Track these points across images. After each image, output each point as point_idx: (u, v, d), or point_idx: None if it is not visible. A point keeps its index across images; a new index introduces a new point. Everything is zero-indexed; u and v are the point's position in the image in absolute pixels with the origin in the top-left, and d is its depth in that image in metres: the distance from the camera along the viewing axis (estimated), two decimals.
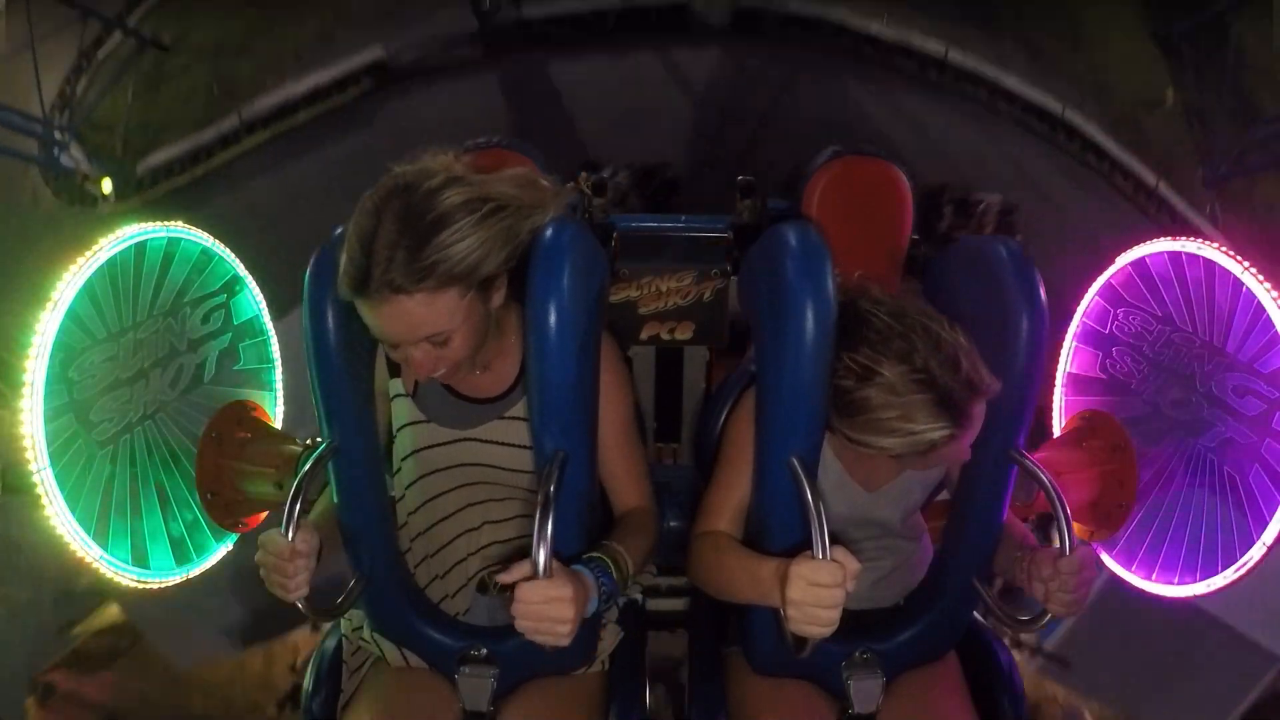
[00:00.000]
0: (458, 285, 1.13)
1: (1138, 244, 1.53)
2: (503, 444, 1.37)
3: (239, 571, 1.42)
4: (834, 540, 1.10)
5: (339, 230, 1.27)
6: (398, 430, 1.39)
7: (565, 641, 1.14)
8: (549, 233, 1.23)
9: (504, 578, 1.13)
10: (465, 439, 1.37)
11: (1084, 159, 5.36)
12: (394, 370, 1.39)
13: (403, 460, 1.40)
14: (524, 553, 1.13)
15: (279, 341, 1.67)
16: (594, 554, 1.25)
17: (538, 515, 1.11)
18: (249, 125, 5.81)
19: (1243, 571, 1.36)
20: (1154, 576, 1.47)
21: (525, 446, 1.33)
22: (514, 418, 1.36)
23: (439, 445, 1.38)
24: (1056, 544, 1.20)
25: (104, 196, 5.28)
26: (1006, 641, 1.51)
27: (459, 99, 5.70)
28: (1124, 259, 1.53)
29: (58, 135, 5.38)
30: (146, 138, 5.56)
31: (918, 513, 1.45)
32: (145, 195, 5.26)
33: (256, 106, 6.01)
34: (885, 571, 1.41)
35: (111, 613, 3.47)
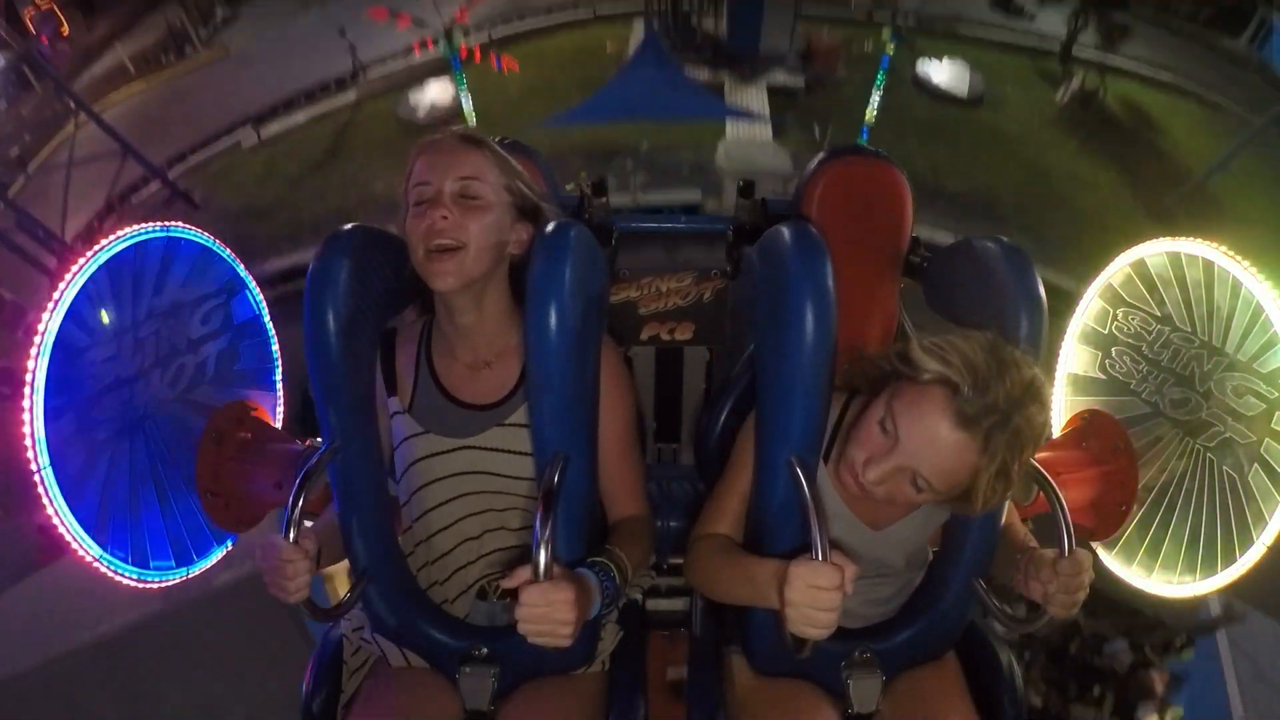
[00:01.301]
0: (501, 171, 1.33)
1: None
2: (503, 451, 1.36)
3: None
4: (833, 544, 1.10)
5: (340, 230, 1.28)
6: (396, 446, 1.40)
7: (567, 643, 1.14)
8: (549, 233, 1.23)
9: (506, 583, 1.13)
10: (465, 447, 1.37)
11: None
12: (391, 387, 1.39)
13: (404, 471, 1.40)
14: (524, 559, 1.13)
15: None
16: (597, 558, 1.25)
17: (539, 516, 1.11)
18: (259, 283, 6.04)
19: (1243, 571, 1.36)
20: (1154, 576, 1.47)
21: (525, 453, 1.33)
22: (514, 424, 1.36)
23: (438, 454, 1.38)
24: (1056, 545, 1.20)
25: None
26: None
27: None
28: (1124, 259, 1.53)
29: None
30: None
31: (924, 545, 1.44)
32: None
33: (268, 268, 6.12)
34: (886, 594, 1.41)
35: None
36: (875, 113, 9.66)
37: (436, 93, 10.74)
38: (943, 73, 11.49)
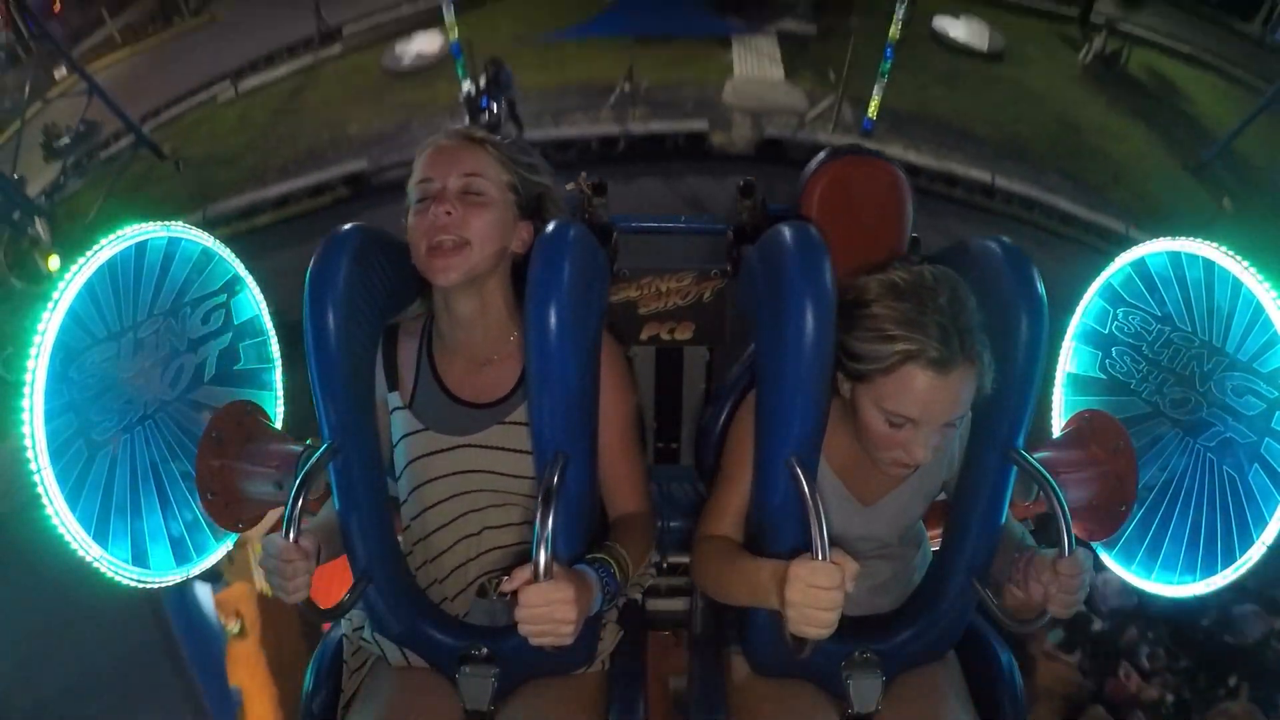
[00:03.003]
0: (503, 165, 1.34)
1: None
2: (503, 449, 1.36)
3: None
4: (833, 543, 1.10)
5: (340, 230, 1.28)
6: (396, 442, 1.40)
7: (568, 641, 1.14)
8: (549, 233, 1.23)
9: (506, 585, 1.14)
10: (465, 445, 1.37)
11: None
12: (392, 383, 1.39)
13: (403, 468, 1.40)
14: (524, 559, 1.13)
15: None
16: (597, 555, 1.25)
17: (538, 516, 1.11)
18: (211, 221, 5.79)
19: (1242, 571, 1.36)
20: (1154, 576, 1.47)
21: (525, 452, 1.33)
22: (514, 423, 1.36)
23: (438, 452, 1.38)
24: (1056, 545, 1.20)
25: (48, 272, 5.26)
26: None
27: None
28: (1124, 259, 1.53)
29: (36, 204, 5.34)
30: (110, 231, 5.58)
31: (918, 521, 1.45)
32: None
33: (222, 206, 5.97)
34: (884, 578, 1.41)
35: None
36: (889, 63, 9.26)
37: (423, 43, 10.29)
38: (960, 28, 11.11)
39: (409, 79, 9.33)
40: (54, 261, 5.27)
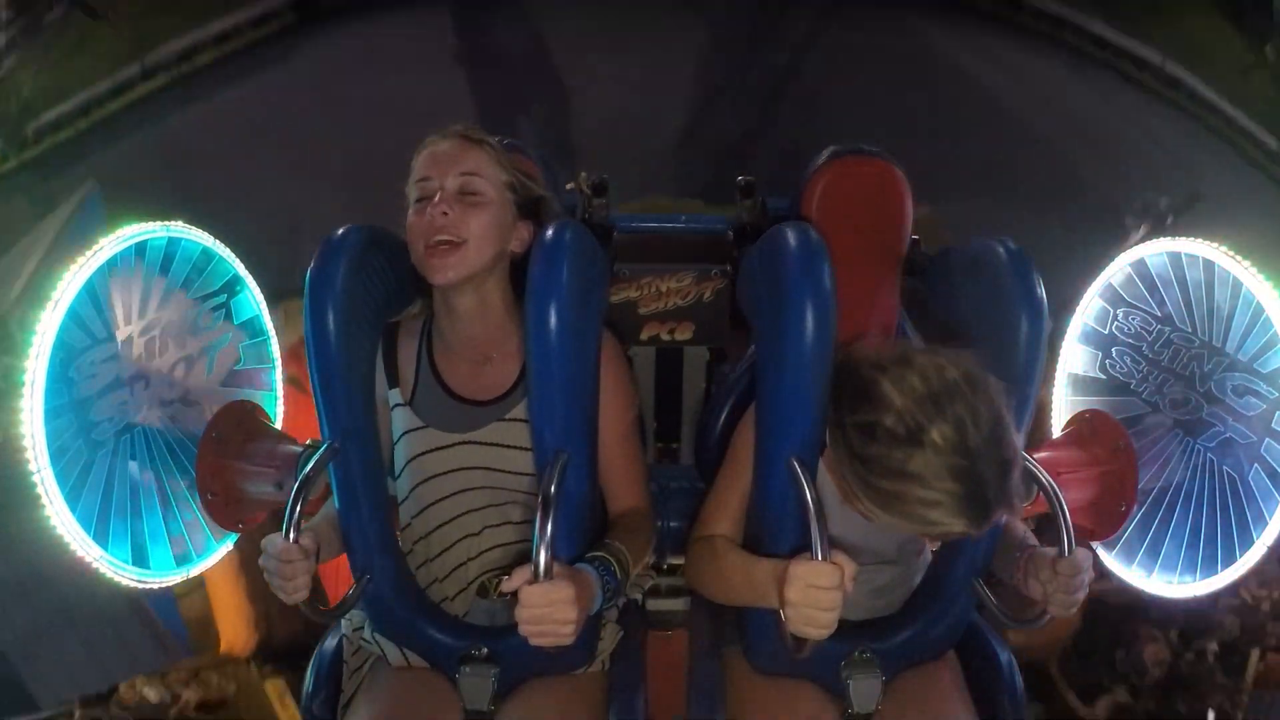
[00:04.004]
0: (502, 168, 1.35)
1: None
2: (504, 446, 1.37)
3: None
4: (833, 543, 1.10)
5: (338, 232, 1.28)
6: (396, 440, 1.40)
7: (570, 641, 1.14)
8: (549, 233, 1.23)
9: (507, 586, 1.14)
10: (465, 442, 1.37)
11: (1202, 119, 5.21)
12: (391, 380, 1.39)
13: (403, 466, 1.40)
14: (524, 558, 1.13)
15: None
16: (596, 553, 1.26)
17: (539, 517, 1.11)
18: (149, 72, 5.42)
19: (1243, 571, 1.36)
20: (1154, 576, 1.47)
21: (525, 448, 1.33)
22: (515, 419, 1.36)
23: (438, 450, 1.38)
24: (1056, 544, 1.20)
25: None
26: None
27: (390, 33, 5.32)
28: (1124, 259, 1.53)
29: None
30: (48, 100, 5.31)
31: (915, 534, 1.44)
32: (25, 154, 5.02)
33: (161, 52, 5.51)
34: (884, 582, 1.41)
35: None
36: None
37: None
38: None
39: None
40: None
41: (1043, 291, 1.26)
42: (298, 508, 1.19)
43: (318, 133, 5.16)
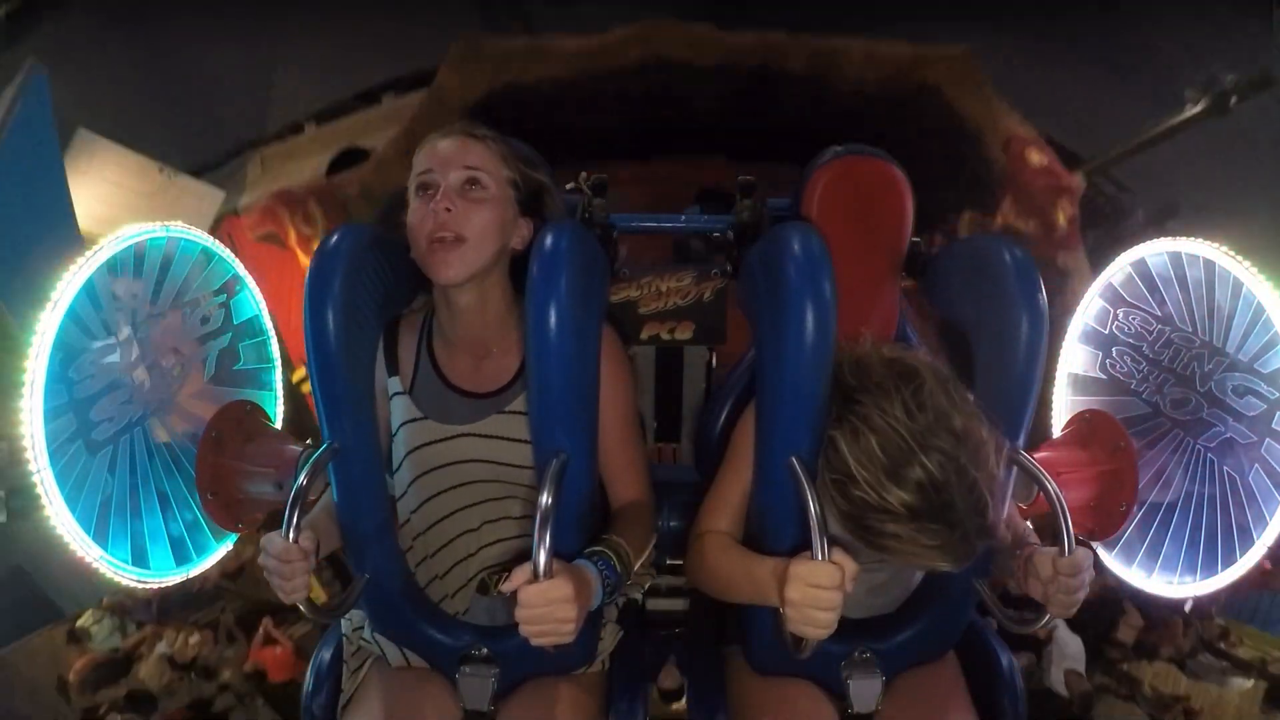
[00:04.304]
0: (504, 161, 1.36)
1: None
2: (504, 439, 1.37)
3: None
4: (832, 543, 1.10)
5: (336, 233, 1.28)
6: (396, 429, 1.40)
7: (571, 638, 1.14)
8: (549, 234, 1.23)
9: (506, 587, 1.14)
10: (465, 434, 1.37)
11: None
12: (392, 369, 1.40)
13: (402, 459, 1.40)
14: (524, 555, 1.13)
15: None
16: (595, 548, 1.25)
17: (538, 519, 1.11)
18: None
19: (1243, 571, 1.36)
20: (1154, 576, 1.47)
21: (526, 441, 1.33)
22: (515, 412, 1.36)
23: (438, 442, 1.38)
24: (1056, 544, 1.20)
25: None
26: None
27: None
28: (1124, 259, 1.53)
29: None
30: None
31: None
32: None
33: None
34: (883, 580, 1.41)
35: None
36: None
37: None
38: None
39: None
40: None
41: (1044, 291, 1.26)
42: (297, 508, 1.19)
43: None
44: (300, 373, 1.62)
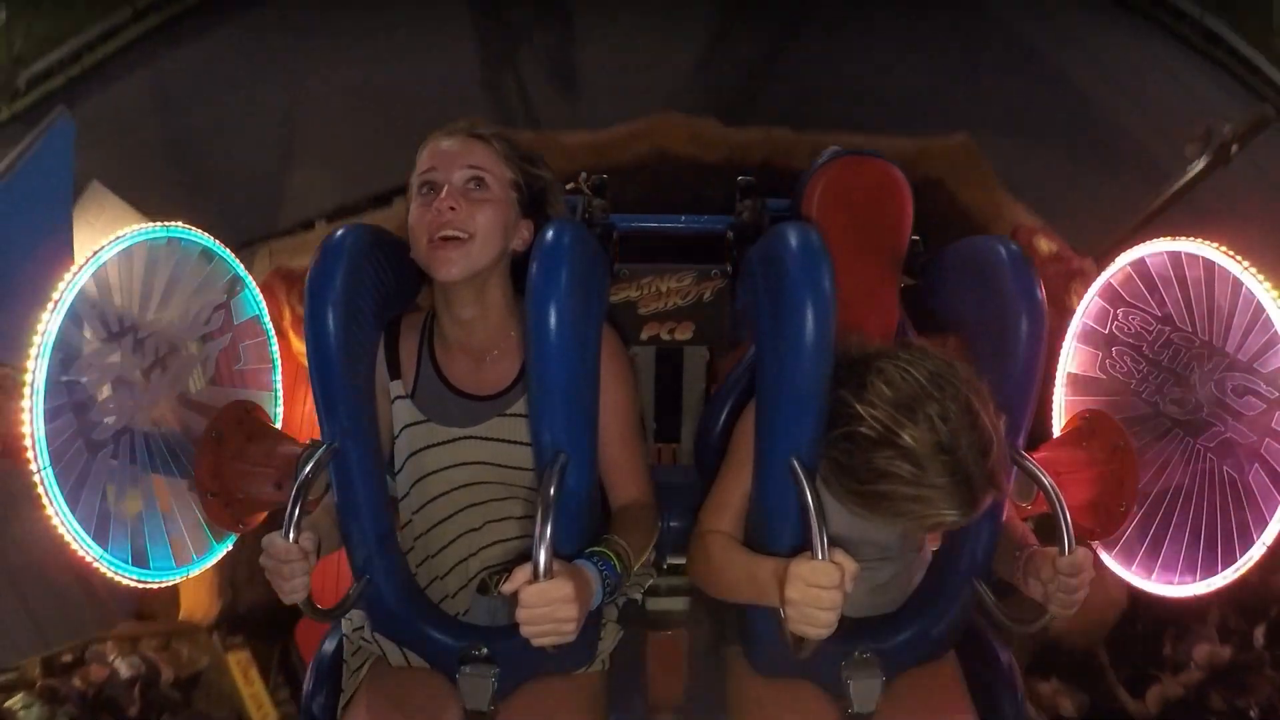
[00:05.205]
0: (507, 161, 1.36)
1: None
2: (504, 441, 1.37)
3: None
4: (833, 543, 1.10)
5: (337, 232, 1.28)
6: (397, 434, 1.40)
7: (571, 639, 1.14)
8: (549, 234, 1.24)
9: (506, 587, 1.14)
10: (466, 437, 1.38)
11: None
12: (394, 372, 1.40)
13: (404, 461, 1.40)
14: (525, 555, 1.13)
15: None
16: (596, 548, 1.26)
17: (538, 519, 1.11)
18: (140, 11, 5.31)
19: (1243, 571, 1.36)
20: (1154, 576, 1.47)
21: (527, 444, 1.34)
22: (515, 414, 1.36)
23: (439, 444, 1.38)
24: (1056, 544, 1.20)
25: None
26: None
27: None
28: (1124, 259, 1.53)
29: None
30: (41, 50, 5.09)
31: None
32: (16, 105, 4.86)
33: None
34: (884, 579, 1.41)
35: None
36: None
37: None
38: None
39: None
40: None
41: (1042, 291, 1.26)
42: (297, 508, 1.19)
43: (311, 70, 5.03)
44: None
